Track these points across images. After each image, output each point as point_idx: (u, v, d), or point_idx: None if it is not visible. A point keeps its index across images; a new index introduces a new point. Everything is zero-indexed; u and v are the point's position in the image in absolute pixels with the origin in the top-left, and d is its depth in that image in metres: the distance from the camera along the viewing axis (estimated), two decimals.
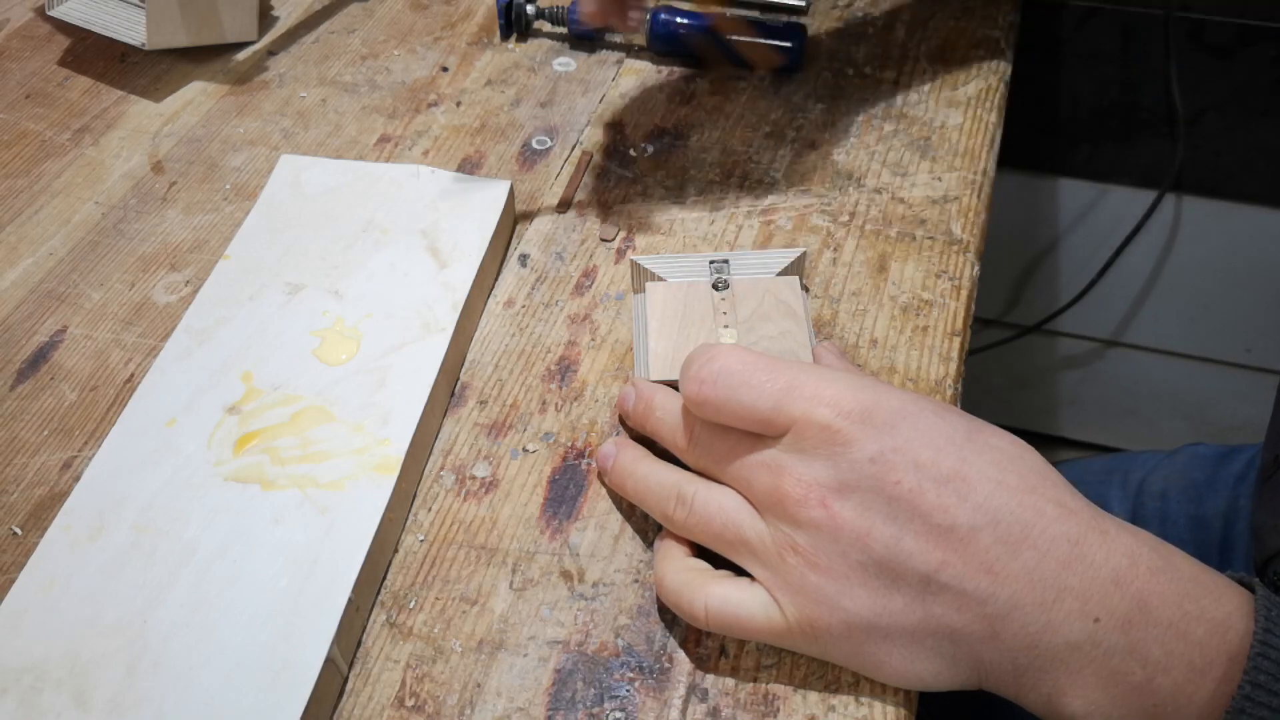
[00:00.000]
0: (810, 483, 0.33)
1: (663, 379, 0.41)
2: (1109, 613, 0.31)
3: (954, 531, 0.31)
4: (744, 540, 0.34)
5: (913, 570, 0.32)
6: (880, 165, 0.54)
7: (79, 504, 0.39)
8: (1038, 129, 0.98)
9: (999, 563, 0.31)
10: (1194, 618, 0.31)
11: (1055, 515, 0.32)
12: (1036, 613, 0.31)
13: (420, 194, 0.50)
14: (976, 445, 0.33)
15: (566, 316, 0.48)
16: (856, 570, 0.32)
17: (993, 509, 0.31)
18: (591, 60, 0.62)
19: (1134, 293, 1.09)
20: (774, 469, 0.34)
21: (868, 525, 0.32)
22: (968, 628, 0.32)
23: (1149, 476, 0.64)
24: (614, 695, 0.35)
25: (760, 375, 0.34)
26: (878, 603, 0.32)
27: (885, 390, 0.34)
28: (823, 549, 0.32)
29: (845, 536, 0.32)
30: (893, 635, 0.33)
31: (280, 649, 0.35)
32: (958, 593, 0.31)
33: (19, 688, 0.34)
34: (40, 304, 0.49)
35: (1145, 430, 1.23)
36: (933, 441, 0.33)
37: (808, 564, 0.33)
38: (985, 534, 0.31)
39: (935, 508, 0.32)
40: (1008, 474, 0.32)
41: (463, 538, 0.40)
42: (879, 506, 0.32)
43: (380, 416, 0.41)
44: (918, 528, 0.32)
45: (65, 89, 0.61)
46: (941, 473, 0.32)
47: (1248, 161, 0.95)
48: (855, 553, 0.32)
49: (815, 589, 0.33)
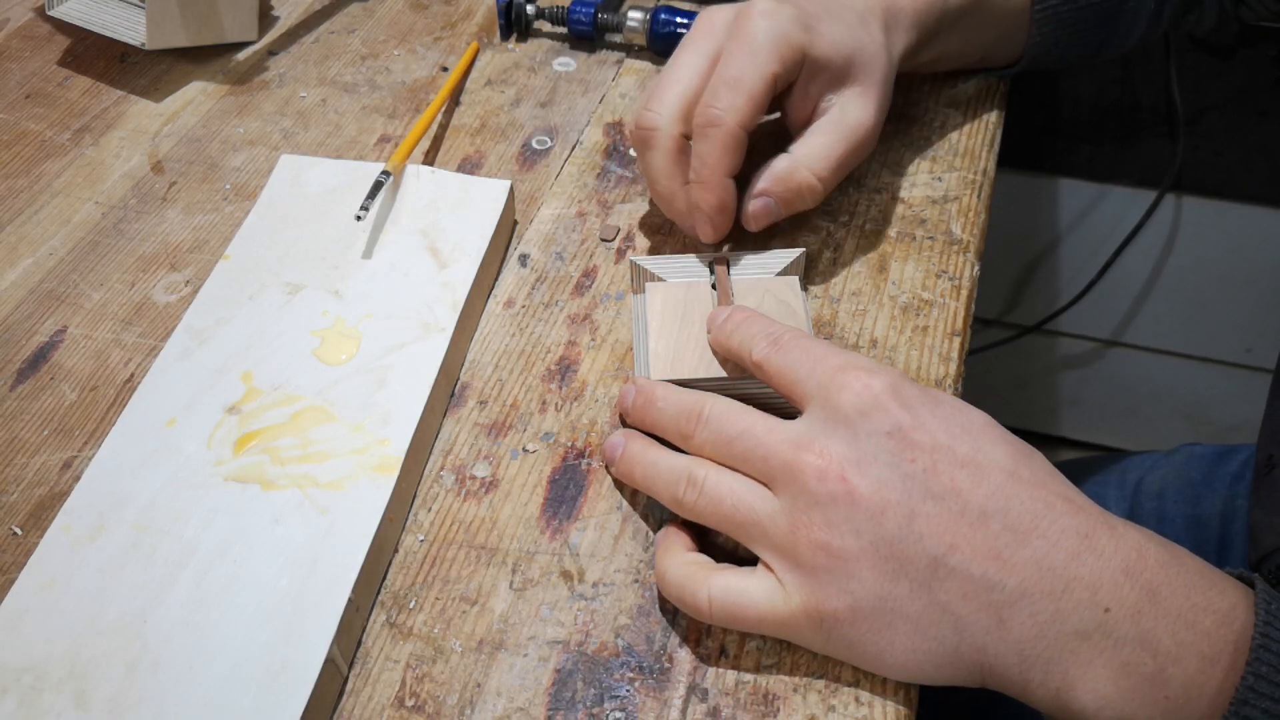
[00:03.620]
0: (831, 455, 0.33)
1: (663, 379, 0.41)
2: (1119, 602, 0.31)
3: (964, 515, 0.32)
4: (755, 520, 0.34)
5: (922, 552, 0.32)
6: (880, 165, 0.54)
7: (79, 504, 0.39)
8: (1038, 129, 0.98)
9: (1007, 550, 0.31)
10: (1202, 609, 0.31)
11: (1064, 509, 0.32)
12: (1045, 602, 0.31)
13: (420, 194, 0.50)
14: (991, 438, 0.34)
15: (566, 316, 0.48)
16: (867, 551, 0.32)
17: (1004, 497, 0.32)
18: (591, 60, 0.62)
19: (1134, 293, 1.09)
20: (794, 442, 0.34)
21: (882, 500, 0.32)
22: (973, 616, 0.32)
23: (1146, 476, 0.64)
24: (614, 695, 0.35)
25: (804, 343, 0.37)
26: (884, 586, 0.32)
27: (906, 378, 0.35)
28: (836, 526, 0.33)
29: (860, 511, 0.32)
30: (896, 623, 0.33)
31: (280, 649, 0.35)
32: (965, 578, 0.32)
33: (19, 688, 0.34)
34: (40, 304, 0.49)
35: (1145, 430, 1.23)
36: (950, 428, 0.33)
37: (818, 543, 0.33)
38: (995, 521, 0.32)
39: (949, 490, 0.32)
40: (1020, 467, 0.33)
41: (463, 538, 0.40)
42: (895, 482, 0.32)
43: (380, 416, 0.41)
44: (930, 508, 0.32)
45: (65, 89, 0.61)
46: (957, 457, 0.33)
47: (1248, 161, 0.95)
48: (868, 529, 0.32)
49: (824, 569, 0.33)
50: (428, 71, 0.61)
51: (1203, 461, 0.63)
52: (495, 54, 0.63)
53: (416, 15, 0.66)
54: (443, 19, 0.65)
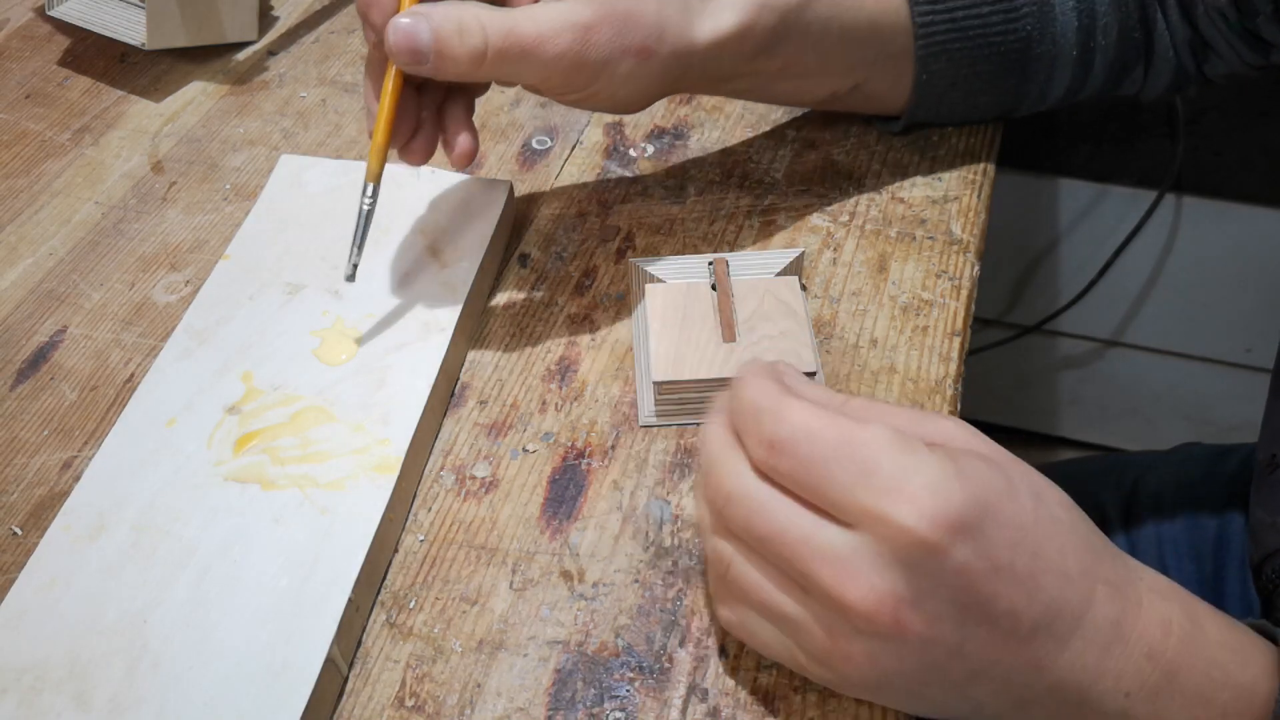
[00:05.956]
0: (884, 594, 0.29)
1: (663, 379, 0.41)
2: (1140, 686, 0.31)
3: (1015, 635, 0.30)
4: (786, 618, 0.31)
5: (964, 668, 0.30)
6: (880, 165, 0.54)
7: (79, 504, 0.39)
8: (1038, 129, 0.98)
9: (1048, 658, 0.30)
10: (1220, 684, 0.31)
11: (1104, 598, 0.31)
12: (1072, 694, 0.31)
13: (420, 194, 0.50)
14: (1044, 526, 0.30)
15: (566, 316, 0.48)
16: (908, 670, 0.31)
17: (1055, 608, 0.30)
18: None
19: (1134, 293, 1.09)
20: (838, 567, 0.29)
21: (935, 634, 0.29)
22: (998, 702, 0.32)
23: (1144, 476, 0.64)
24: (614, 695, 0.35)
25: (833, 448, 0.29)
26: (915, 689, 0.31)
27: (963, 473, 0.29)
28: (879, 654, 0.30)
29: (909, 644, 0.30)
30: (917, 703, 0.32)
31: (280, 649, 0.35)
32: (1002, 682, 0.31)
33: (19, 688, 0.34)
34: (40, 304, 0.49)
35: (1145, 430, 1.23)
36: (1010, 536, 0.30)
37: (856, 664, 0.31)
38: (1042, 633, 0.30)
39: (1005, 614, 0.30)
40: (1069, 560, 0.31)
41: (463, 538, 0.40)
42: (950, 614, 0.29)
43: (380, 416, 0.41)
44: (983, 633, 0.30)
45: (65, 89, 0.61)
46: (1016, 574, 0.29)
47: (1248, 161, 0.95)
48: (913, 656, 0.30)
49: (859, 679, 0.31)
50: None
51: (1201, 462, 0.63)
52: None
53: None
54: None
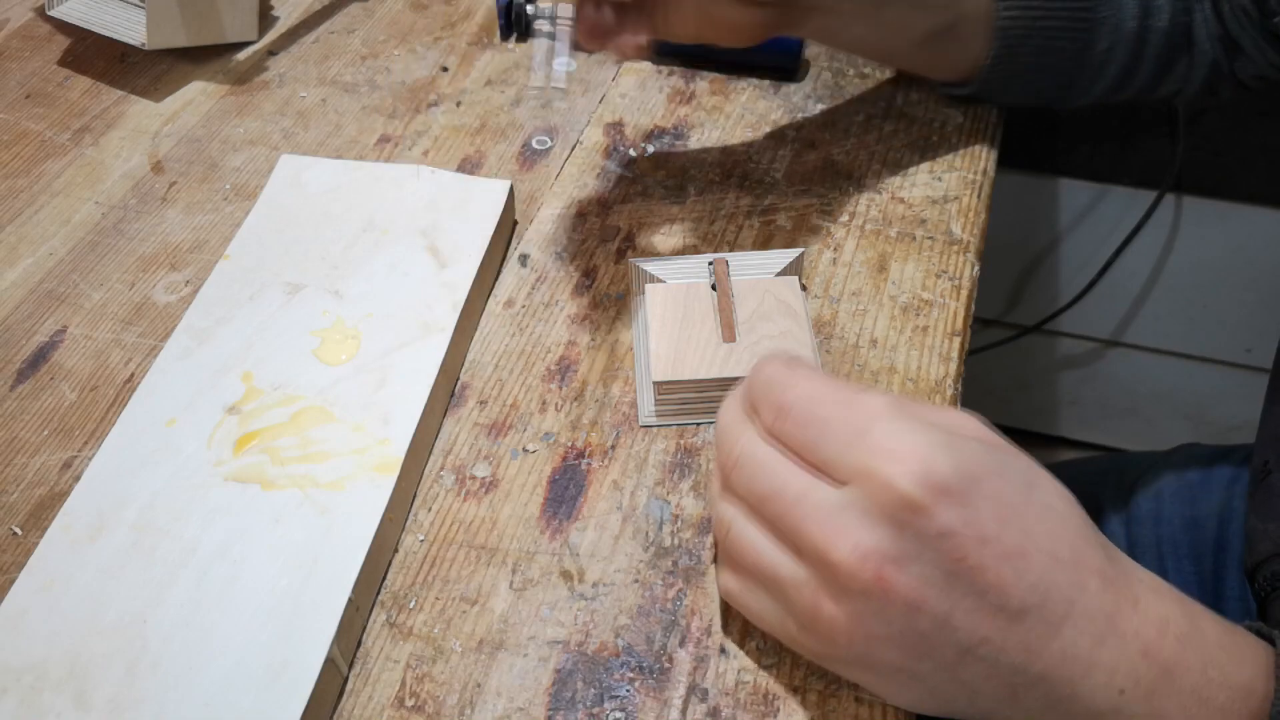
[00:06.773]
0: (868, 550, 0.29)
1: (663, 379, 0.41)
2: (1135, 683, 0.31)
3: (1003, 612, 0.30)
4: (777, 579, 0.32)
5: (952, 643, 0.31)
6: (880, 165, 0.54)
7: (79, 504, 0.39)
8: (1038, 129, 0.98)
9: (1039, 643, 0.30)
10: (1217, 684, 0.31)
11: (1096, 589, 0.31)
12: (1063, 686, 0.31)
13: (420, 194, 0.50)
14: (1036, 509, 0.31)
15: (566, 316, 0.48)
16: (894, 639, 0.31)
17: (1044, 588, 0.30)
18: (591, 60, 0.62)
19: (1134, 293, 1.09)
20: (828, 524, 0.30)
21: (919, 598, 0.30)
22: (989, 690, 0.31)
23: (1144, 476, 0.64)
24: (614, 695, 0.35)
25: (833, 409, 0.31)
26: (906, 663, 0.31)
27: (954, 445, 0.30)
28: (864, 614, 0.30)
29: (894, 606, 0.30)
30: (910, 684, 0.32)
31: (280, 649, 0.35)
32: (991, 665, 0.31)
33: (19, 688, 0.34)
34: (40, 304, 0.49)
35: (1145, 430, 1.23)
36: (1000, 511, 0.30)
37: (841, 628, 0.31)
38: (1032, 615, 0.30)
39: (993, 586, 0.30)
40: (1060, 545, 0.31)
41: (463, 538, 0.40)
42: (936, 580, 0.30)
43: (380, 416, 0.41)
44: (969, 604, 0.30)
45: (65, 89, 0.61)
46: (1005, 549, 0.30)
47: (1248, 161, 0.95)
48: (899, 622, 0.30)
49: (845, 645, 0.31)
50: (428, 71, 0.61)
51: (1201, 462, 0.63)
52: (495, 54, 0.63)
53: (416, 15, 0.66)
54: (443, 19, 0.65)
